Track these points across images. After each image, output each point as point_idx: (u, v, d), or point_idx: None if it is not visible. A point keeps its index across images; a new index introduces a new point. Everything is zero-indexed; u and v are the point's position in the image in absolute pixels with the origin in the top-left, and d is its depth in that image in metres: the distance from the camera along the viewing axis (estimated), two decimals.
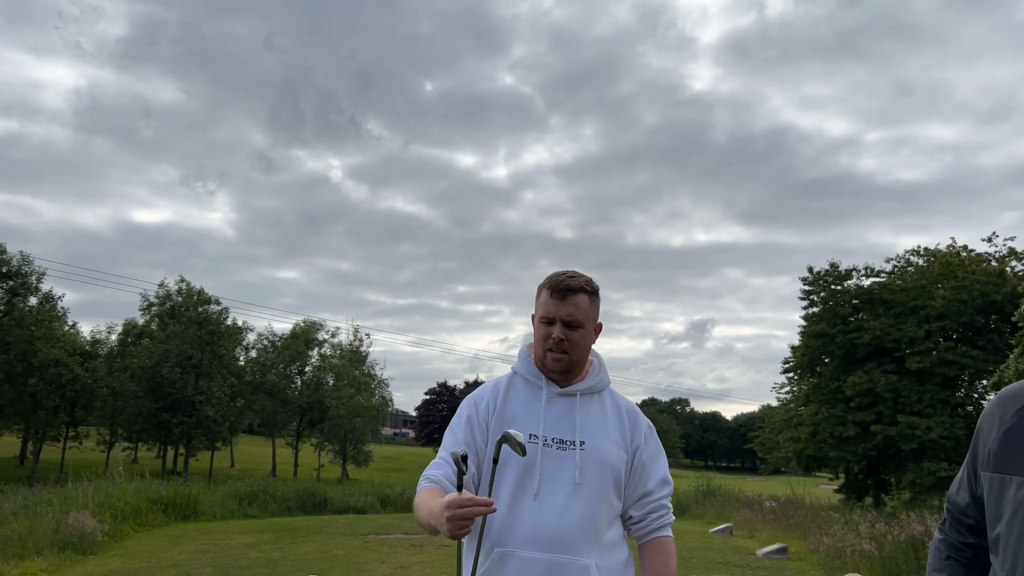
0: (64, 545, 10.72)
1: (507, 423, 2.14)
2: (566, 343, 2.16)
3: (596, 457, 2.10)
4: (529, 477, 2.06)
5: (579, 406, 2.18)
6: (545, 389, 2.19)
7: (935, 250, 27.53)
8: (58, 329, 39.11)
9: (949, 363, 24.70)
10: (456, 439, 2.14)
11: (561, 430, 2.13)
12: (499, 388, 2.24)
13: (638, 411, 2.28)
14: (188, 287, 42.79)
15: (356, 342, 49.19)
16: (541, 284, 2.25)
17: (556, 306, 2.16)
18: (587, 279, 2.23)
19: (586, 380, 2.24)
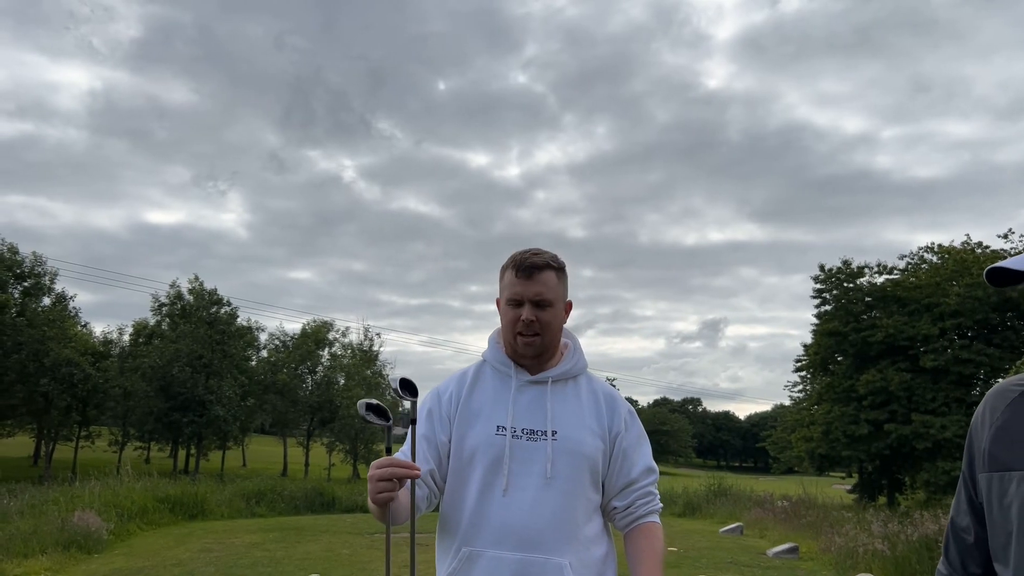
0: (69, 543, 10.69)
1: (473, 415, 2.02)
2: (536, 324, 2.03)
3: (570, 447, 1.97)
4: (497, 472, 1.93)
5: (551, 394, 2.05)
6: (514, 377, 2.07)
7: (949, 247, 27.22)
8: (70, 329, 39.33)
9: (964, 361, 24.40)
10: (417, 433, 2.02)
11: (532, 420, 2.01)
12: (465, 378, 2.12)
13: (617, 395, 2.15)
14: (200, 287, 42.96)
15: (367, 342, 49.26)
16: (504, 265, 2.11)
17: (523, 286, 2.04)
18: (552, 255, 2.10)
19: (559, 365, 2.11)
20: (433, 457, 2.01)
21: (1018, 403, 1.42)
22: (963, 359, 24.41)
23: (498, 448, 1.95)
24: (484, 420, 2.01)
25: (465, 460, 1.99)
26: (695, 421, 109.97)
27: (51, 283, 39.09)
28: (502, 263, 2.17)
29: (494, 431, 1.98)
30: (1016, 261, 1.26)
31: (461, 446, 2.00)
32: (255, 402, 42.73)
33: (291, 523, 15.44)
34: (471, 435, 2.00)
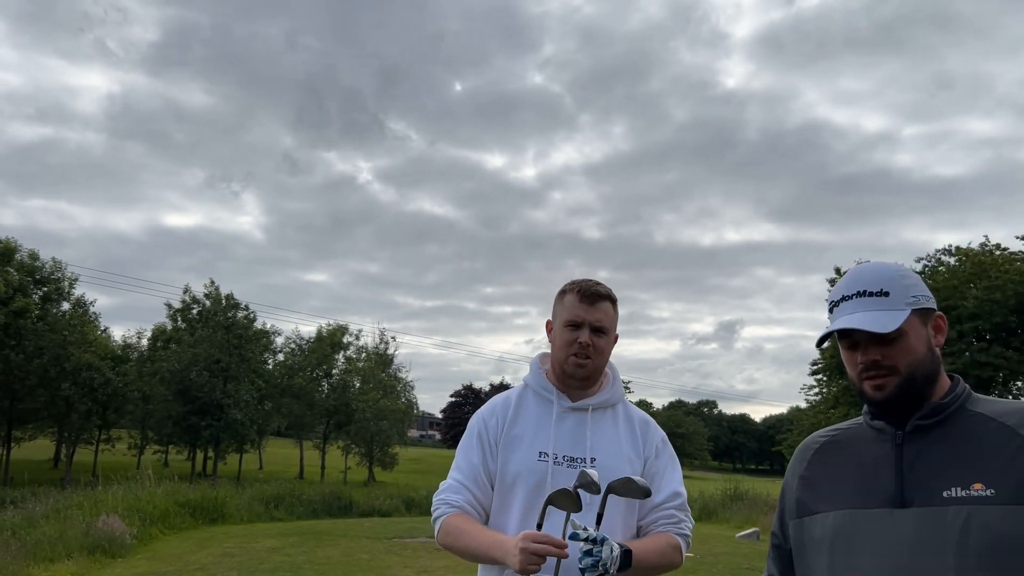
0: (94, 548, 10.88)
1: (516, 441, 2.11)
2: (591, 348, 2.13)
3: (608, 475, 2.02)
4: (539, 497, 2.01)
5: (591, 421, 2.15)
6: (556, 403, 2.16)
7: (967, 249, 27.00)
8: (90, 334, 39.80)
9: (982, 364, 24.23)
10: (471, 462, 2.12)
11: (572, 447, 2.10)
12: (509, 403, 2.21)
13: (652, 422, 2.26)
14: (216, 292, 43.34)
15: (382, 345, 49.49)
16: (564, 289, 2.21)
17: (586, 310, 2.14)
18: (609, 288, 2.22)
19: (600, 394, 2.21)
20: (483, 485, 2.10)
21: (819, 453, 1.63)
22: (981, 362, 24.23)
23: (540, 474, 2.05)
24: (527, 446, 2.10)
25: (508, 485, 2.08)
26: (711, 424, 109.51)
27: (70, 288, 39.60)
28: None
29: (536, 457, 2.07)
30: (848, 321, 1.47)
31: (505, 471, 2.09)
32: (272, 405, 43.05)
33: (309, 527, 15.60)
34: (514, 460, 2.09)
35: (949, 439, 1.46)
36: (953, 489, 1.39)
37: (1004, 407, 1.48)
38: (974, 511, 1.36)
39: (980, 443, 1.43)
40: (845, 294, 1.52)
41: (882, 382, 1.47)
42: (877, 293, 1.49)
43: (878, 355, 1.47)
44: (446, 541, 2.07)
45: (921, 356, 1.49)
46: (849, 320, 1.47)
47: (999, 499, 1.35)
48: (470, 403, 69.46)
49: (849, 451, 1.58)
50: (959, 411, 1.49)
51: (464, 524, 2.04)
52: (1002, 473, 1.37)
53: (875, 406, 1.51)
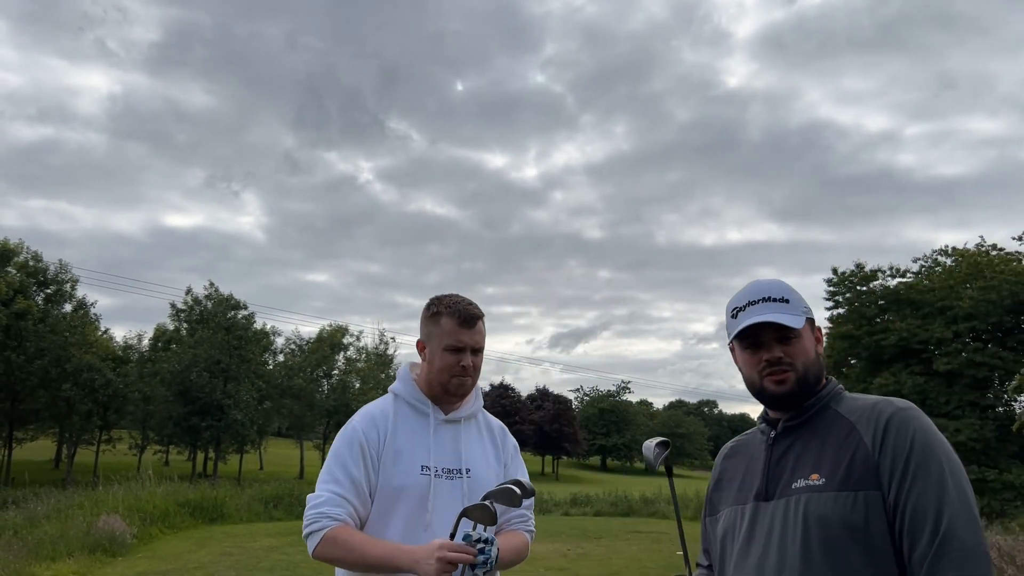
0: (95, 547, 11.00)
1: (399, 454, 2.16)
2: (472, 368, 2.23)
3: (480, 485, 2.16)
4: (422, 509, 2.11)
5: (463, 433, 2.26)
6: (432, 416, 2.24)
7: (963, 250, 27.11)
8: (91, 335, 39.95)
9: (978, 364, 24.35)
10: (351, 476, 2.12)
11: (449, 459, 2.20)
12: (387, 416, 2.24)
13: (506, 430, 2.42)
14: (216, 292, 43.48)
15: (382, 345, 49.61)
16: (436, 311, 2.26)
17: (467, 335, 2.21)
18: (478, 305, 2.31)
19: (467, 406, 2.31)
20: (363, 498, 2.13)
21: (726, 458, 1.85)
22: (977, 362, 24.36)
23: (424, 487, 2.13)
24: (408, 459, 2.16)
25: (390, 499, 2.13)
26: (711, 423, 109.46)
27: (72, 290, 39.75)
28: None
29: (419, 471, 2.15)
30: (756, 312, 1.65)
31: (387, 485, 2.14)
32: (272, 406, 43.17)
33: None
34: (398, 474, 2.14)
35: (807, 437, 1.64)
36: (799, 481, 1.58)
37: (857, 405, 1.64)
38: (809, 498, 1.53)
39: (826, 439, 1.61)
40: (751, 299, 1.69)
41: (783, 377, 1.64)
42: (779, 300, 1.67)
43: (781, 353, 1.64)
44: (331, 553, 2.05)
45: (812, 358, 1.67)
46: (763, 317, 1.64)
47: (827, 487, 1.53)
48: None
49: (744, 453, 1.79)
50: (823, 410, 1.66)
51: (354, 535, 2.06)
52: (834, 464, 1.55)
53: (775, 400, 1.67)
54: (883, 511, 1.48)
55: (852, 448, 1.54)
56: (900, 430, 1.52)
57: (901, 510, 1.46)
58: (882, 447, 1.51)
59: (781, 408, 1.68)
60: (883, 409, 1.57)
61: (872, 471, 1.50)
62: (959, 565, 1.39)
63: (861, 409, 1.60)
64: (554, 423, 68.39)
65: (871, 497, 1.48)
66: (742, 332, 1.67)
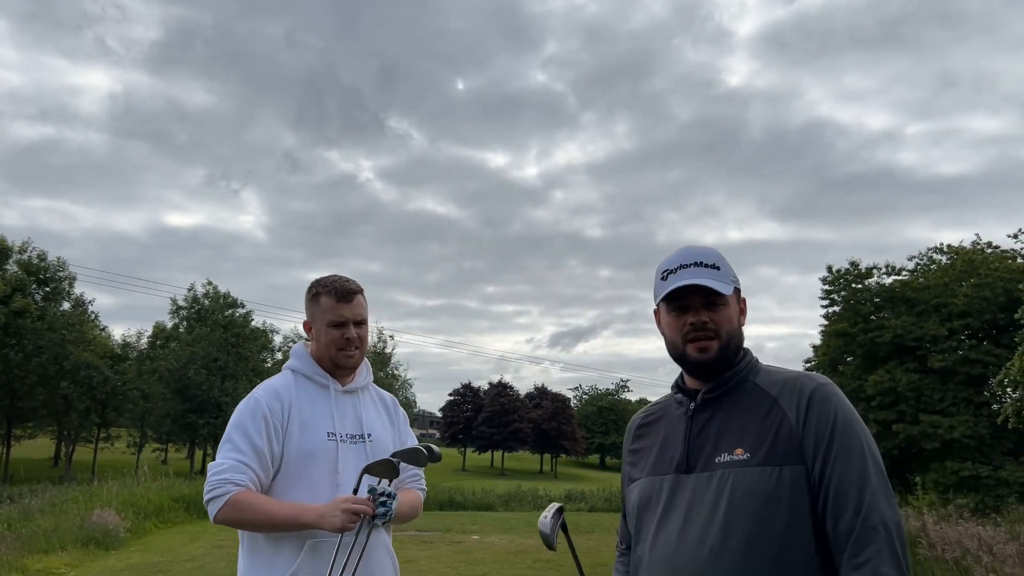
0: (88, 541, 11.10)
1: (305, 423, 2.31)
2: (357, 340, 2.40)
3: (380, 448, 2.36)
4: (332, 472, 2.27)
5: (361, 402, 2.44)
6: (331, 387, 2.41)
7: (958, 247, 27.18)
8: (89, 333, 40.06)
9: (972, 361, 24.40)
10: (254, 444, 2.23)
11: (351, 426, 2.38)
12: (289, 388, 2.38)
13: (396, 401, 2.63)
14: (215, 291, 43.57)
15: (380, 344, 49.70)
16: (316, 292, 2.41)
17: (345, 309, 2.38)
18: (356, 281, 2.47)
19: (360, 378, 2.50)
20: (265, 466, 2.26)
21: (641, 428, 1.85)
22: (971, 359, 24.41)
23: (331, 452, 2.30)
24: (315, 427, 2.32)
25: (300, 465, 2.27)
26: None
27: (70, 287, 39.85)
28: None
29: (326, 437, 2.31)
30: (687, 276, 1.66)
31: (296, 452, 2.28)
32: None
33: None
34: (306, 441, 2.29)
35: (728, 409, 1.65)
36: (722, 455, 1.59)
37: (775, 378, 1.67)
38: (734, 472, 1.56)
39: (748, 412, 1.62)
40: (683, 263, 1.69)
41: (706, 344, 1.65)
42: (710, 266, 1.68)
43: (706, 318, 1.65)
44: (235, 515, 2.15)
45: (736, 327, 1.69)
46: (693, 279, 1.65)
47: (751, 462, 1.55)
48: (469, 402, 69.69)
49: (659, 424, 1.79)
50: (742, 383, 1.68)
51: (259, 498, 2.18)
52: (758, 438, 1.57)
53: (697, 367, 1.68)
54: (806, 485, 1.52)
55: (776, 423, 1.57)
56: (822, 406, 1.56)
57: (826, 485, 1.51)
58: (805, 422, 1.55)
59: (701, 375, 1.69)
60: (805, 384, 1.60)
61: (796, 446, 1.54)
62: (883, 537, 1.45)
63: (782, 383, 1.63)
64: (552, 421, 68.47)
65: (795, 472, 1.52)
66: (670, 294, 1.67)
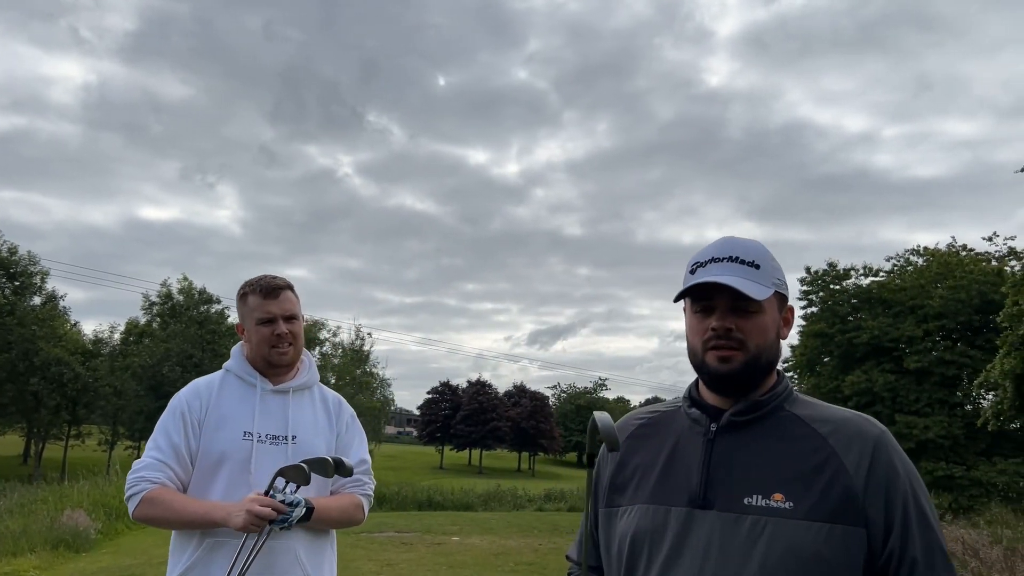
0: (57, 543, 10.81)
1: (222, 421, 2.28)
2: (290, 336, 2.34)
3: (306, 451, 2.28)
4: (244, 472, 2.22)
5: (291, 402, 2.36)
6: (259, 386, 2.35)
7: (934, 249, 27.51)
8: (60, 328, 39.35)
9: (947, 363, 24.71)
10: (172, 441, 2.25)
11: (274, 426, 2.31)
12: (212, 386, 2.36)
13: (343, 401, 2.53)
14: (189, 286, 42.98)
15: (358, 341, 49.33)
16: (243, 293, 2.38)
17: (273, 305, 2.34)
18: (284, 278, 2.42)
19: (298, 377, 2.43)
20: (183, 463, 2.25)
21: (633, 438, 1.55)
22: (946, 360, 24.72)
23: (246, 452, 2.25)
24: (232, 426, 2.27)
25: (213, 463, 2.25)
26: None
27: (42, 282, 39.10)
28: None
29: (241, 436, 2.26)
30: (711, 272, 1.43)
31: (209, 450, 2.25)
32: None
33: None
34: (220, 440, 2.26)
35: (760, 440, 1.40)
36: (754, 496, 1.34)
37: (821, 412, 1.42)
38: (773, 523, 1.31)
39: (788, 449, 1.37)
40: (716, 256, 1.44)
41: (729, 355, 1.39)
42: (749, 263, 1.42)
43: (733, 325, 1.39)
44: (149, 512, 2.18)
45: (770, 340, 1.43)
46: (721, 277, 1.39)
47: (796, 513, 1.30)
48: (447, 400, 69.48)
49: (662, 438, 1.51)
50: (776, 411, 1.42)
51: (173, 496, 2.19)
52: (804, 485, 1.32)
53: (715, 379, 1.43)
54: (865, 550, 1.31)
55: (828, 470, 1.33)
56: (891, 465, 1.34)
57: (897, 557, 1.31)
58: (869, 480, 1.32)
59: (721, 390, 1.44)
60: (865, 430, 1.37)
61: (856, 505, 1.31)
62: None
63: (831, 421, 1.38)
64: (530, 420, 68.48)
65: (852, 533, 1.30)
66: (693, 292, 1.43)
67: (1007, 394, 15.47)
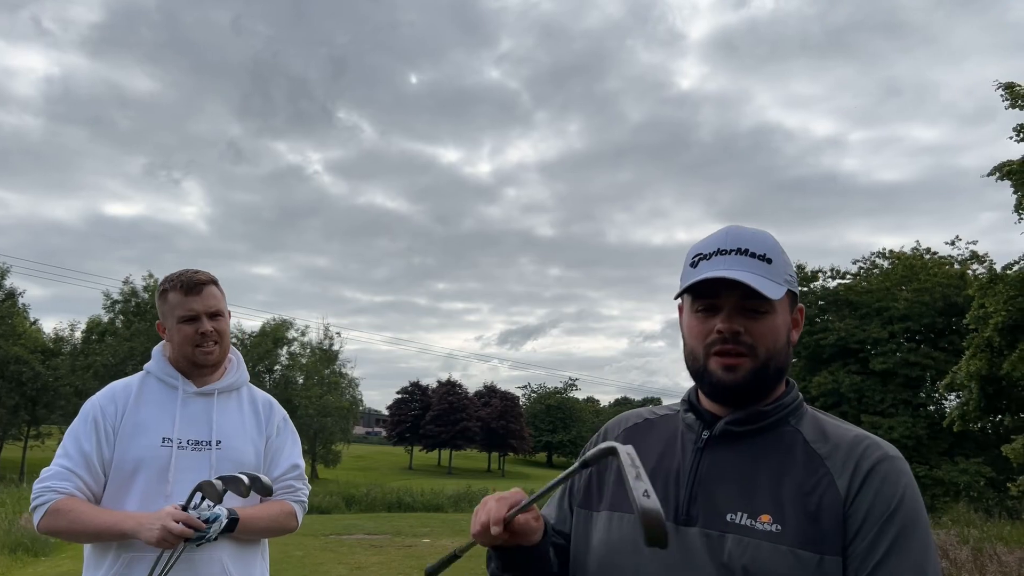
0: (16, 547, 10.53)
1: (139, 427, 2.14)
2: (215, 334, 2.22)
3: (233, 456, 2.17)
4: (162, 480, 2.09)
5: (216, 405, 2.24)
6: (181, 388, 2.22)
7: (899, 253, 27.99)
8: (19, 326, 38.38)
9: (911, 364, 25.15)
10: (82, 449, 2.12)
11: (197, 431, 2.18)
12: (130, 390, 2.23)
13: (274, 403, 2.39)
14: (154, 284, 42.17)
15: (327, 341, 48.87)
16: (163, 289, 2.25)
17: (195, 301, 2.20)
18: (208, 272, 2.29)
19: (224, 378, 2.30)
20: (95, 472, 2.11)
21: (627, 435, 1.42)
22: (910, 362, 25.15)
23: (164, 459, 2.11)
24: (149, 432, 2.14)
25: (129, 472, 2.10)
26: None
27: (1, 279, 38.12)
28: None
29: (160, 443, 2.13)
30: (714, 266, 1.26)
31: (124, 459, 2.11)
32: None
33: None
34: (136, 447, 2.12)
35: (752, 454, 1.25)
36: (738, 515, 1.19)
37: (824, 430, 1.27)
38: (754, 546, 1.16)
39: (782, 466, 1.22)
40: (722, 248, 1.27)
41: (735, 362, 1.24)
42: (761, 257, 1.25)
43: (740, 327, 1.23)
44: (54, 524, 2.05)
45: (781, 345, 1.27)
46: (730, 272, 1.22)
47: (784, 538, 1.15)
48: (416, 400, 69.12)
49: (654, 442, 1.37)
50: (779, 424, 1.27)
51: (80, 506, 2.05)
52: (792, 505, 1.18)
53: (717, 390, 1.27)
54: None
55: (819, 492, 1.18)
56: (885, 484, 1.18)
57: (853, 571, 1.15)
58: (857, 496, 1.17)
59: (724, 400, 1.28)
60: (869, 450, 1.21)
61: (838, 527, 1.16)
62: None
63: (837, 440, 1.23)
64: (500, 420, 68.42)
65: (832, 565, 1.14)
66: (696, 288, 1.25)
67: (973, 395, 15.75)
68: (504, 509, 1.18)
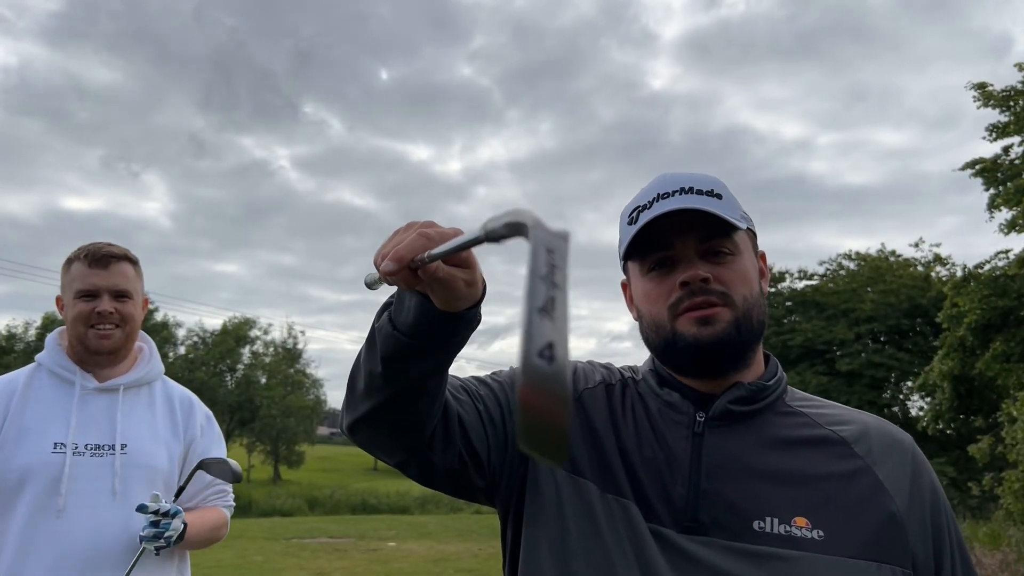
0: None
1: (25, 432, 1.82)
2: (116, 316, 1.91)
3: (141, 461, 1.90)
4: (53, 493, 1.79)
5: (121, 403, 1.93)
6: (78, 384, 1.91)
7: (866, 254, 28.33)
8: None
9: (876, 365, 25.43)
10: None
11: (97, 434, 1.88)
12: (15, 388, 1.89)
13: (195, 400, 2.13)
14: None
15: (290, 340, 48.14)
16: (69, 259, 1.96)
17: (99, 276, 1.91)
18: (125, 248, 2.01)
19: (133, 371, 2.00)
20: None
21: (591, 392, 1.22)
22: (875, 363, 25.43)
23: (56, 468, 1.81)
24: (38, 437, 1.83)
25: (14, 483, 1.80)
26: None
27: None
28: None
29: (51, 449, 1.82)
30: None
31: (8, 467, 1.81)
32: None
33: None
34: (21, 455, 1.81)
35: (760, 440, 1.02)
36: (768, 520, 0.96)
37: (830, 408, 1.09)
38: (800, 561, 0.93)
39: (804, 457, 1.01)
40: (663, 191, 1.06)
41: (710, 313, 1.00)
42: (708, 193, 1.06)
43: (707, 273, 1.01)
44: None
45: (756, 292, 1.05)
46: (684, 203, 1.02)
47: (829, 546, 0.94)
48: None
49: (619, 411, 1.12)
50: (776, 403, 1.06)
51: None
52: (834, 508, 0.97)
53: (699, 351, 1.01)
54: None
55: (863, 488, 0.98)
56: (934, 489, 1.03)
57: None
58: (912, 506, 0.99)
59: (703, 368, 1.03)
60: (900, 439, 1.05)
61: (903, 538, 0.96)
62: None
63: (852, 421, 1.05)
64: None
65: (890, 574, 0.95)
66: (644, 241, 1.04)
67: (945, 395, 15.81)
68: (417, 249, 0.84)
